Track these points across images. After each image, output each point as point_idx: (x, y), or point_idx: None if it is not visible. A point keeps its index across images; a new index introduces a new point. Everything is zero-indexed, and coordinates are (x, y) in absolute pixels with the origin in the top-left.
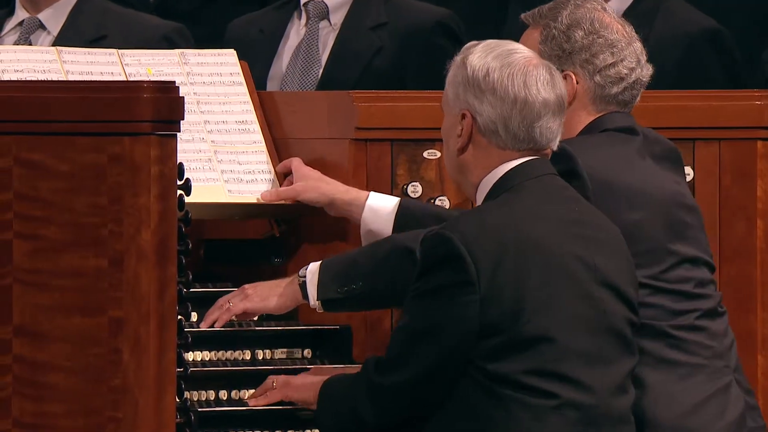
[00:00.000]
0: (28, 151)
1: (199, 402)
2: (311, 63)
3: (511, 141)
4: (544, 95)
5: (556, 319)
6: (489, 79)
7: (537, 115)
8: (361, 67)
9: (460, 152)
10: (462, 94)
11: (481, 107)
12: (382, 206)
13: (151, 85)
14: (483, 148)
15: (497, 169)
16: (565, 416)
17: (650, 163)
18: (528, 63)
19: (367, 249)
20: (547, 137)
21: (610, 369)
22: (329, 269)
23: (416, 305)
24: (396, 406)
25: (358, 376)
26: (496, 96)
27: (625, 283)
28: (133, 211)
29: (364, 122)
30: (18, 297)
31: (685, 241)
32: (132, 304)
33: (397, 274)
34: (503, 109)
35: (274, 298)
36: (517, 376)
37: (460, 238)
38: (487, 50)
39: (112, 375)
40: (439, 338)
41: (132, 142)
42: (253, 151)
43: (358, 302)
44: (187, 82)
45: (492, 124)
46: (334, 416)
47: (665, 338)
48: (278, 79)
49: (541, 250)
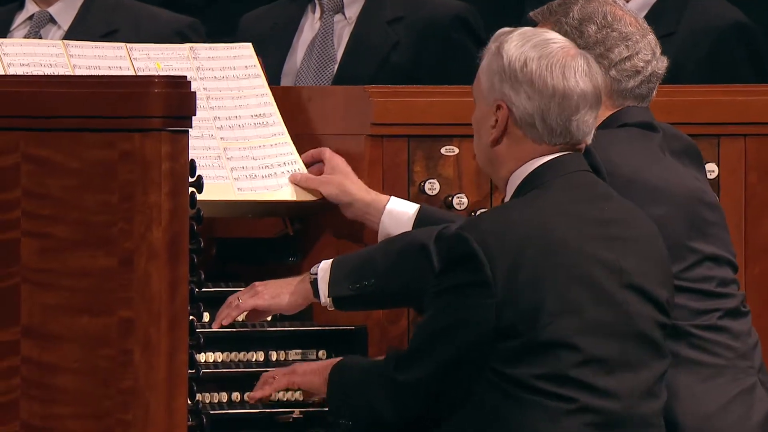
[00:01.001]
0: (36, 148)
1: (211, 404)
2: (326, 58)
3: (547, 134)
4: (582, 87)
5: (575, 323)
6: (527, 70)
7: (575, 108)
8: (377, 63)
9: (493, 144)
10: (497, 84)
11: (518, 98)
12: (402, 211)
13: (162, 80)
14: (517, 140)
15: (528, 163)
16: (582, 419)
17: (670, 159)
18: (566, 53)
19: (380, 246)
20: (583, 131)
21: (636, 374)
22: (341, 266)
23: (434, 304)
24: (413, 403)
25: (377, 370)
26: (533, 87)
27: (654, 284)
28: (143, 209)
29: (380, 118)
30: (26, 297)
31: (707, 239)
32: (142, 305)
33: (411, 271)
34: (541, 102)
35: (286, 296)
36: (533, 381)
37: (478, 237)
38: (523, 39)
39: (121, 377)
40: (453, 338)
41: (143, 139)
42: (273, 144)
43: (371, 300)
44: (197, 77)
45: (529, 116)
46: (348, 406)
47: (687, 338)
48: (292, 74)
49: (563, 251)
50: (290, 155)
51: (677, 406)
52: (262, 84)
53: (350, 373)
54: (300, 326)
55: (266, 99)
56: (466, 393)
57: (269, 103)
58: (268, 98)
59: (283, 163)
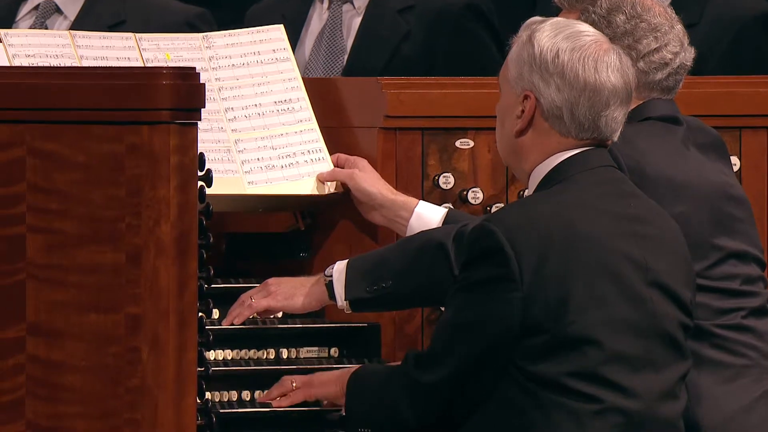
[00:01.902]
0: (42, 141)
1: (221, 403)
2: (335, 49)
3: (574, 129)
4: (614, 82)
5: (601, 320)
6: (558, 61)
7: (605, 104)
8: (388, 53)
9: (518, 134)
10: (527, 74)
11: (547, 90)
12: (431, 214)
13: (170, 71)
14: (543, 132)
15: (553, 157)
16: (608, 422)
17: (695, 153)
18: (599, 47)
19: (397, 246)
20: (611, 128)
21: (659, 374)
22: (357, 268)
23: (458, 299)
24: (436, 404)
25: (397, 371)
26: (564, 80)
27: (678, 284)
28: (151, 204)
29: (393, 110)
30: (32, 294)
31: (732, 236)
32: (150, 301)
33: (429, 271)
34: (571, 95)
35: (300, 297)
36: (558, 379)
37: (504, 231)
38: (556, 29)
39: (129, 375)
40: (478, 334)
41: (151, 131)
42: (298, 131)
43: (389, 301)
44: (209, 68)
45: (557, 109)
46: (368, 412)
47: (709, 338)
48: (301, 66)
49: (589, 246)
50: (315, 143)
51: (698, 408)
52: (291, 68)
53: (369, 379)
54: (312, 323)
55: (294, 84)
56: (490, 394)
57: (297, 87)
58: (297, 83)
59: (307, 151)
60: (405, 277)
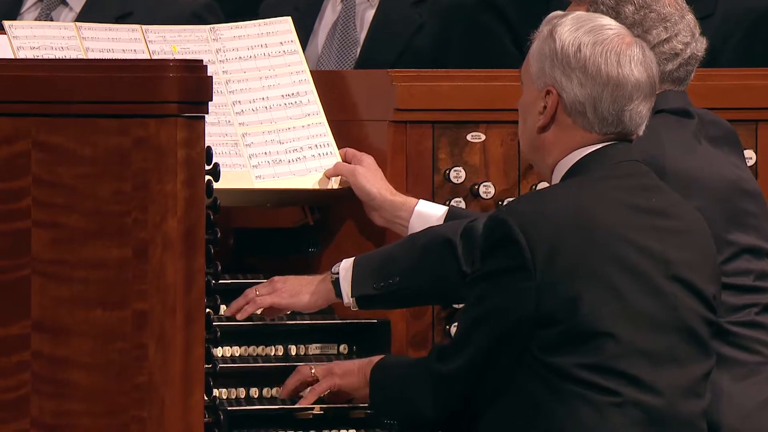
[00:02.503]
0: (47, 134)
1: (229, 400)
2: (348, 41)
3: (598, 124)
4: (637, 76)
5: (617, 313)
6: (580, 56)
7: (628, 98)
8: (401, 46)
9: (540, 130)
10: (548, 69)
11: (569, 85)
12: (431, 212)
13: (177, 64)
14: (566, 128)
15: (576, 152)
16: (628, 415)
17: (707, 146)
18: (622, 40)
19: (404, 242)
20: (636, 122)
21: (681, 370)
22: (364, 265)
23: (474, 290)
24: (454, 395)
25: (419, 363)
26: (586, 74)
27: (701, 279)
28: (158, 198)
29: (403, 103)
30: (37, 289)
31: (746, 230)
32: (157, 297)
33: (437, 268)
34: (593, 89)
35: (306, 295)
36: (575, 370)
37: (517, 220)
38: (577, 23)
39: (136, 372)
40: (492, 324)
41: (157, 125)
42: (305, 125)
43: (396, 298)
44: (216, 60)
45: (579, 104)
46: (391, 404)
47: (722, 335)
48: (314, 59)
49: (607, 238)
50: (323, 137)
51: (716, 406)
52: (298, 61)
53: (392, 370)
54: (321, 320)
55: (302, 77)
56: (508, 383)
57: (305, 80)
58: (305, 75)
59: (315, 145)
60: (412, 274)
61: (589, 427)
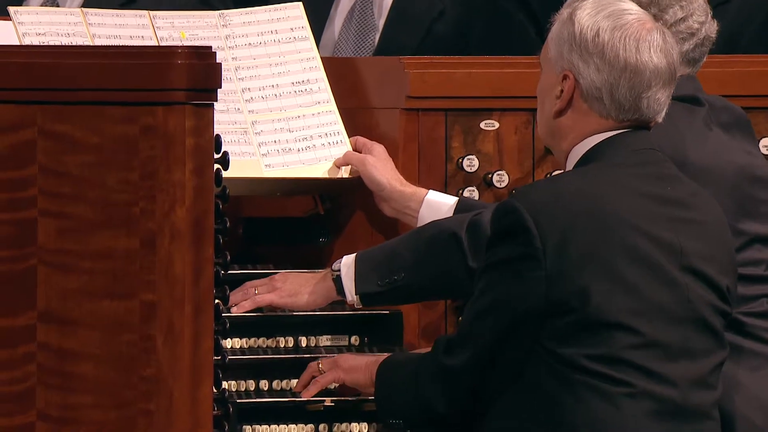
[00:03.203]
0: (53, 122)
1: (238, 393)
2: (366, 28)
3: (614, 110)
4: (656, 62)
5: (631, 304)
6: (598, 41)
7: (646, 85)
8: (421, 32)
9: (557, 115)
10: (566, 54)
11: (587, 70)
12: (441, 202)
13: (186, 51)
14: (582, 114)
15: (591, 137)
16: (640, 405)
17: (718, 133)
18: (642, 26)
19: (408, 237)
20: (654, 109)
21: (693, 361)
22: (367, 261)
23: (482, 280)
24: (463, 388)
25: (425, 358)
26: (604, 60)
27: (716, 270)
28: (166, 187)
29: (416, 90)
30: (43, 280)
31: (759, 219)
32: (165, 288)
33: (443, 263)
34: (611, 75)
35: (305, 295)
36: (586, 362)
37: (529, 208)
38: (598, 7)
39: (144, 364)
40: (501, 313)
41: (165, 113)
42: (315, 113)
43: (401, 295)
44: (225, 47)
45: (596, 90)
46: (398, 403)
47: (736, 326)
48: (330, 46)
49: (620, 227)
50: (333, 125)
51: (728, 397)
52: (309, 47)
53: (398, 369)
54: (331, 311)
55: (312, 64)
56: (517, 374)
57: (316, 68)
58: (315, 62)
59: (325, 134)
60: (418, 270)
61: (601, 419)
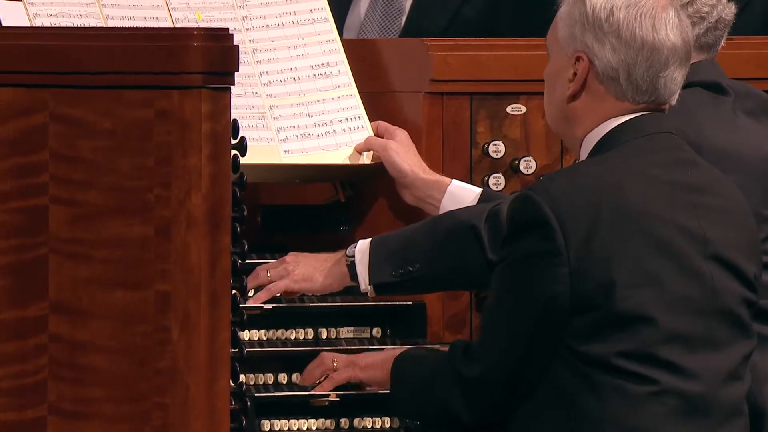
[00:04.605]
0: (65, 107)
1: (256, 386)
2: (392, 10)
3: (631, 91)
4: (673, 40)
5: (655, 297)
6: (613, 20)
7: (664, 64)
8: (449, 15)
9: (570, 99)
10: (579, 34)
11: (602, 51)
12: (464, 194)
13: (202, 33)
14: (598, 96)
15: (606, 123)
16: (665, 405)
17: (744, 120)
18: (656, 3)
19: (424, 226)
20: (670, 89)
21: (720, 354)
22: (381, 248)
23: (501, 277)
24: (489, 397)
25: (445, 364)
26: (620, 39)
27: (741, 258)
28: (182, 174)
29: (440, 74)
30: (54, 269)
31: None
32: (181, 277)
33: (460, 255)
34: (627, 55)
35: (319, 278)
36: (611, 358)
37: (549, 201)
38: None
39: (158, 356)
40: (524, 314)
41: (181, 96)
42: (335, 97)
43: (416, 286)
44: (242, 28)
45: (612, 70)
46: (416, 404)
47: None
48: (355, 28)
49: (643, 217)
50: (354, 109)
51: (756, 389)
52: (329, 29)
53: (415, 368)
54: (353, 301)
55: (332, 46)
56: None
57: (336, 50)
58: (335, 45)
59: (345, 119)
60: (434, 261)
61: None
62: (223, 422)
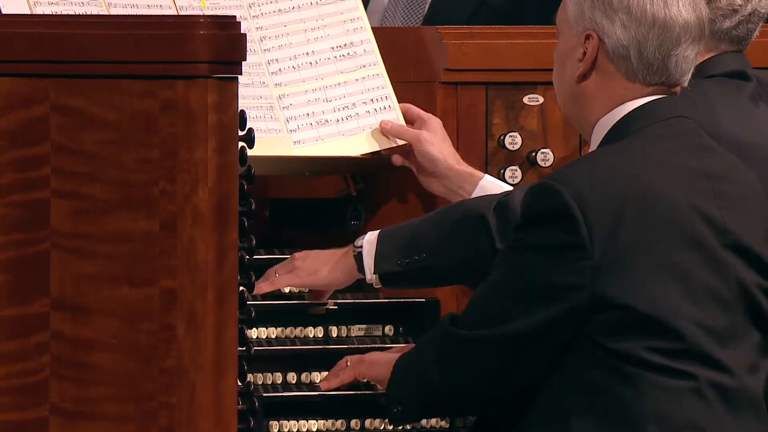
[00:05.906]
0: (67, 97)
1: (264, 386)
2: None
3: (642, 70)
4: (685, 16)
5: (683, 291)
6: None
7: (676, 41)
8: (473, 3)
9: (580, 79)
10: (588, 12)
11: (612, 28)
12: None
13: (208, 21)
14: (608, 76)
15: (619, 108)
16: (706, 399)
17: (765, 110)
18: None
19: (433, 216)
20: (682, 69)
21: (744, 345)
22: (389, 239)
23: (515, 260)
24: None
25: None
26: (630, 15)
27: (759, 246)
28: (188, 167)
29: (454, 63)
30: (56, 265)
31: None
32: (187, 274)
33: (468, 246)
34: (638, 32)
35: (324, 272)
36: (644, 354)
37: (572, 192)
38: None
39: (164, 354)
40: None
41: (187, 87)
42: (359, 78)
43: (422, 277)
44: (249, 16)
45: (623, 48)
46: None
47: None
48: (379, 13)
49: (666, 208)
50: (381, 89)
51: None
52: (354, 6)
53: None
54: (364, 298)
55: (357, 24)
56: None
57: (361, 28)
58: (361, 23)
59: (370, 100)
60: (441, 251)
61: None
62: (230, 423)
